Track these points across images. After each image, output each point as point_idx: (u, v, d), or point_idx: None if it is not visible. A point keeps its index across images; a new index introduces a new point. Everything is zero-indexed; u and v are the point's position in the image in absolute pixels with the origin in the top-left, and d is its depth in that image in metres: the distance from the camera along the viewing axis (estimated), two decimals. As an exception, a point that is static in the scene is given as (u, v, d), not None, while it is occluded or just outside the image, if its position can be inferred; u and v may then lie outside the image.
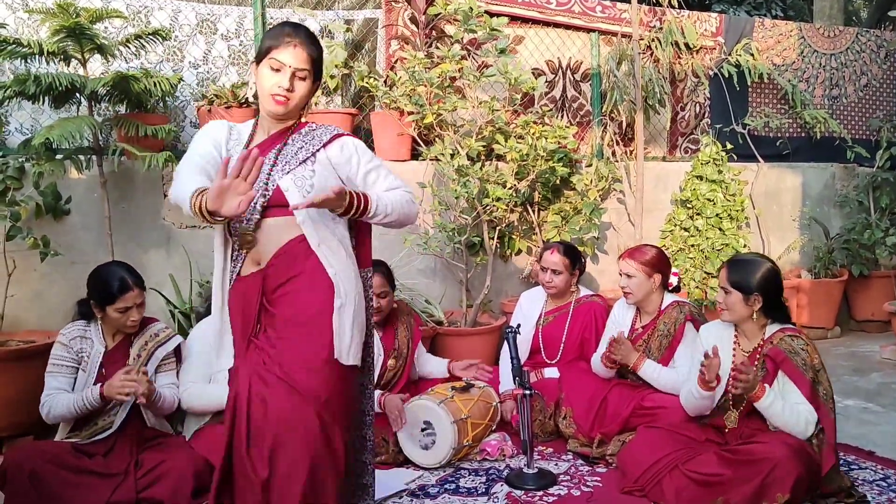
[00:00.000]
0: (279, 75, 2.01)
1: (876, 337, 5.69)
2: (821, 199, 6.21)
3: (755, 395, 2.66)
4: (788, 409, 2.66)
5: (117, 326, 2.94)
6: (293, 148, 2.09)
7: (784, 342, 2.75)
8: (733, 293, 2.80)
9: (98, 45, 3.69)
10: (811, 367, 2.70)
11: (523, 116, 4.56)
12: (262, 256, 2.05)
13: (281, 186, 2.01)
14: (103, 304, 2.88)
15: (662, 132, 5.85)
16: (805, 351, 2.72)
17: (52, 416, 2.85)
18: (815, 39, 6.37)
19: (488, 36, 4.45)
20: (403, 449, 3.19)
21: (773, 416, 2.67)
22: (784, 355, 2.72)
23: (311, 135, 2.12)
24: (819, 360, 2.74)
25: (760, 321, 2.83)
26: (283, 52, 1.99)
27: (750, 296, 2.78)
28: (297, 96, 2.04)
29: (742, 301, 2.79)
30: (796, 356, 2.71)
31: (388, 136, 4.62)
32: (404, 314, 3.65)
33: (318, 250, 2.02)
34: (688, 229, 5.20)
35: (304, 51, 2.01)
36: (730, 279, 2.81)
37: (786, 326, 2.83)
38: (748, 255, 3.00)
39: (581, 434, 3.32)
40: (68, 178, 3.82)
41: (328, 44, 4.59)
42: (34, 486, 2.61)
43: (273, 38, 2.02)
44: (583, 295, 3.84)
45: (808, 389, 2.66)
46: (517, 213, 4.87)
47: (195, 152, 2.06)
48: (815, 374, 2.70)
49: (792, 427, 2.65)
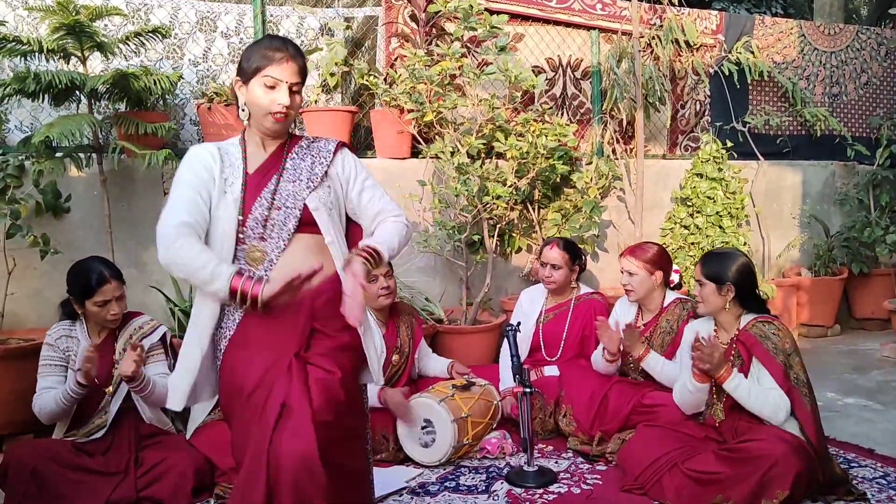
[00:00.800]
0: (275, 93, 1.96)
1: (876, 335, 5.69)
2: (821, 197, 6.21)
3: (721, 376, 2.71)
4: (755, 392, 2.69)
5: (99, 321, 2.94)
6: (305, 163, 2.05)
7: (756, 328, 2.81)
8: (707, 284, 2.87)
9: (98, 43, 3.69)
10: (782, 350, 2.74)
11: (523, 114, 4.56)
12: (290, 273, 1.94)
13: (309, 206, 1.99)
14: (82, 299, 2.89)
15: (663, 130, 5.84)
16: (777, 336, 2.77)
17: (43, 414, 2.86)
18: (815, 37, 6.37)
19: (488, 33, 4.45)
20: (404, 447, 3.19)
21: (740, 399, 2.71)
22: (754, 339, 2.77)
23: (315, 148, 2.09)
24: (791, 344, 2.78)
25: (735, 311, 2.89)
26: (276, 68, 1.95)
27: (722, 286, 2.85)
28: (294, 109, 2.02)
29: (715, 292, 2.86)
30: (767, 340, 2.75)
31: (388, 133, 4.62)
32: (406, 313, 3.65)
33: (343, 275, 1.96)
34: (688, 227, 5.20)
35: (295, 64, 1.98)
36: (703, 271, 2.90)
37: (760, 315, 2.87)
38: (722, 249, 3.10)
39: (581, 432, 3.32)
40: (68, 176, 3.82)
41: (328, 41, 4.59)
42: (35, 484, 2.62)
43: (262, 56, 1.97)
44: (583, 292, 3.84)
45: (779, 373, 2.70)
46: (517, 211, 4.88)
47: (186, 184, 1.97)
48: (786, 357, 2.74)
49: (760, 410, 2.69)
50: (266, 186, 2.00)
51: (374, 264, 1.99)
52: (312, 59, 4.60)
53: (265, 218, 1.97)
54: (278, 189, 2.00)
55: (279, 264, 1.96)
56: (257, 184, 2.00)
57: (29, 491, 2.61)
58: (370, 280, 3.38)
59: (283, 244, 1.97)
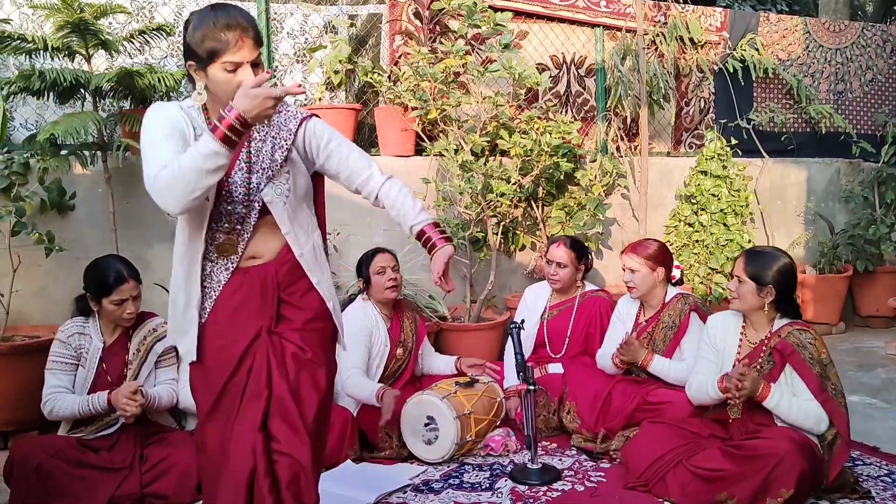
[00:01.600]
0: (240, 74, 1.84)
1: (881, 332, 5.68)
2: (826, 194, 6.20)
3: (761, 395, 2.67)
4: (797, 406, 2.66)
5: (114, 320, 2.94)
6: (266, 146, 1.98)
7: (792, 336, 2.76)
8: (747, 283, 2.82)
9: (102, 41, 3.70)
10: (818, 361, 2.70)
11: (527, 112, 4.56)
12: (260, 251, 2.01)
13: (265, 200, 1.96)
14: (99, 297, 2.89)
15: (667, 127, 5.83)
16: (813, 345, 2.72)
17: (54, 415, 2.86)
18: (820, 34, 6.35)
19: (492, 31, 4.44)
20: (407, 444, 3.19)
21: (782, 415, 2.68)
22: (792, 348, 2.72)
23: (277, 127, 2.00)
24: (827, 354, 2.75)
25: (770, 314, 2.84)
26: (234, 53, 1.82)
27: (763, 287, 2.80)
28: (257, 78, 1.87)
29: (754, 292, 2.81)
30: (804, 350, 2.71)
31: (392, 131, 4.62)
32: (409, 309, 3.67)
33: (302, 260, 2.02)
34: (692, 225, 5.19)
35: (250, 39, 1.84)
36: (746, 269, 2.83)
37: (794, 321, 2.83)
38: (767, 248, 3.02)
39: (585, 429, 3.32)
40: (73, 173, 3.83)
41: (332, 39, 4.58)
42: (40, 481, 2.63)
43: (215, 40, 1.81)
44: (588, 290, 3.84)
45: (815, 384, 2.66)
46: (521, 208, 4.87)
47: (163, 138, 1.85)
48: (822, 368, 2.70)
49: (802, 423, 2.65)
50: (230, 177, 1.93)
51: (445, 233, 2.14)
52: (316, 57, 4.61)
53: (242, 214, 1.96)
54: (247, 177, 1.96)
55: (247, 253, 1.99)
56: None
57: (34, 487, 2.62)
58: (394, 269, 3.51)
59: (248, 235, 1.98)
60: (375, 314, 3.47)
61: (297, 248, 2.02)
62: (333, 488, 2.74)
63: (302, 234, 2.04)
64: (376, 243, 4.50)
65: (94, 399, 2.80)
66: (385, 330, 3.47)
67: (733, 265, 2.96)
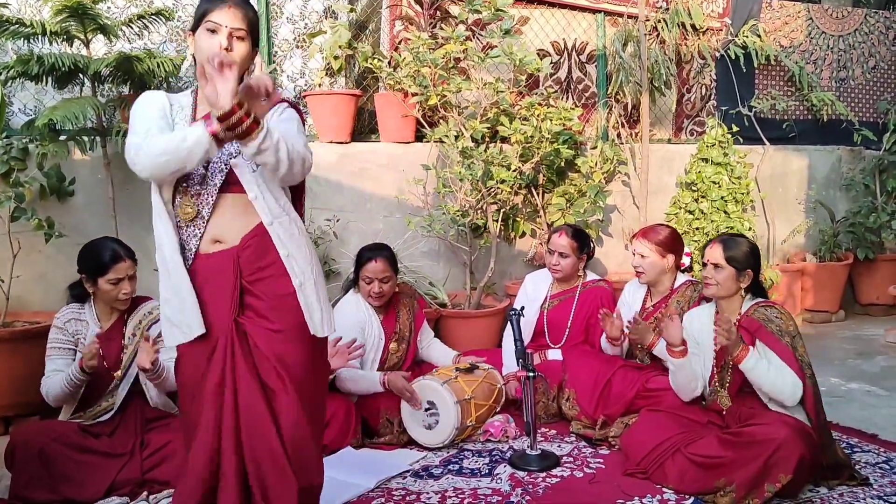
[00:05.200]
0: (217, 36, 1.94)
1: (881, 320, 5.69)
2: (827, 182, 6.19)
3: (739, 356, 2.69)
4: (774, 370, 2.69)
5: (109, 301, 2.93)
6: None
7: (758, 312, 2.82)
8: (727, 269, 2.86)
9: (101, 26, 3.68)
10: (787, 332, 2.75)
11: (528, 98, 4.54)
12: (224, 235, 2.00)
13: (232, 164, 1.97)
14: (95, 277, 2.88)
15: (668, 114, 5.81)
16: (780, 319, 2.78)
17: (50, 397, 2.87)
18: (822, 21, 6.32)
19: (493, 16, 4.42)
20: (407, 429, 3.20)
21: (758, 379, 2.69)
22: (758, 324, 2.77)
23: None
24: (794, 327, 2.79)
25: (740, 297, 2.90)
26: (217, 13, 1.94)
27: (742, 272, 2.85)
28: (237, 57, 1.95)
29: (733, 277, 2.86)
30: (770, 324, 2.76)
31: (392, 117, 4.61)
32: (407, 297, 3.65)
33: (271, 228, 1.99)
34: (693, 212, 5.18)
35: (239, 10, 1.96)
36: (726, 255, 2.87)
37: (760, 300, 2.88)
38: (735, 234, 3.07)
39: (584, 416, 3.33)
40: (72, 159, 3.82)
41: (332, 24, 4.55)
42: (42, 465, 2.64)
43: (205, 3, 1.97)
44: (589, 279, 3.83)
45: (788, 354, 2.70)
46: (521, 195, 4.86)
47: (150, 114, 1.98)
48: (791, 339, 2.74)
49: (780, 389, 2.67)
50: None
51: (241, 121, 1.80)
52: (316, 42, 4.58)
53: (202, 175, 1.98)
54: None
55: (210, 224, 1.99)
56: None
57: (36, 472, 2.63)
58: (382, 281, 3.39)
59: (212, 201, 1.98)
60: (368, 308, 3.46)
61: (268, 216, 1.98)
62: (333, 474, 2.73)
63: (273, 203, 2.00)
64: (376, 230, 4.51)
65: (71, 368, 2.79)
66: (378, 323, 3.46)
67: (702, 254, 3.00)
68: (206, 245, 2.01)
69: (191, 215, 1.99)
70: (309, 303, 2.02)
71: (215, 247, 2.01)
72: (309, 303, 2.02)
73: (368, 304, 3.46)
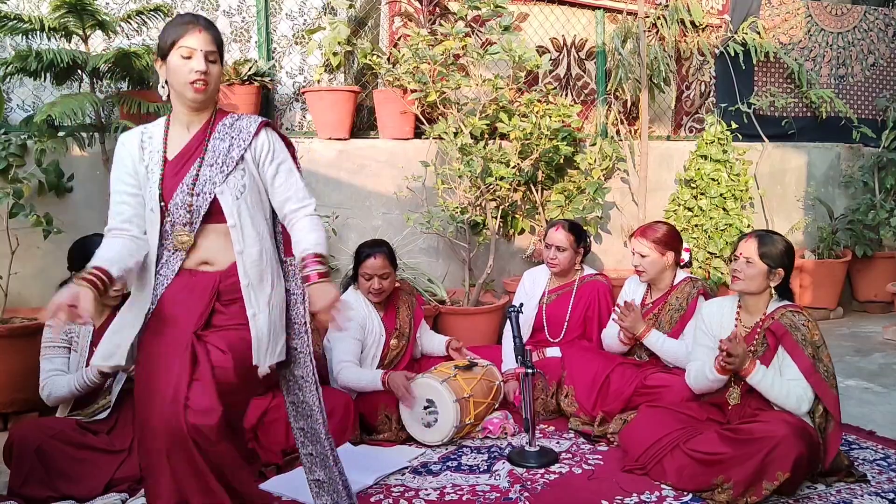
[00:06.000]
0: (192, 61, 2.00)
1: (878, 317, 5.70)
2: (825, 179, 6.19)
3: (745, 370, 2.70)
4: (779, 384, 2.68)
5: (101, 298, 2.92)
6: (223, 144, 2.08)
7: (786, 317, 2.77)
8: (758, 264, 2.81)
9: (99, 21, 3.67)
10: (811, 342, 2.71)
11: (527, 95, 4.54)
12: (212, 258, 2.08)
13: (215, 191, 2.03)
14: None
15: (667, 111, 5.81)
16: (806, 327, 2.74)
17: (52, 398, 2.86)
18: (822, 18, 6.31)
19: (492, 13, 4.41)
20: (406, 426, 3.21)
21: (763, 391, 2.71)
22: (784, 329, 2.73)
23: (236, 128, 2.10)
24: (820, 336, 2.75)
25: (767, 296, 2.85)
26: (190, 38, 2.00)
27: (774, 269, 2.81)
28: (213, 79, 2.04)
29: (764, 274, 2.81)
30: (797, 331, 2.72)
31: (391, 114, 4.60)
32: (406, 294, 3.66)
33: (240, 257, 2.05)
34: (691, 209, 5.18)
35: (209, 34, 2.03)
36: (760, 251, 2.82)
37: (788, 304, 2.84)
38: (771, 231, 2.99)
39: (583, 413, 3.33)
40: (71, 155, 3.82)
41: (331, 20, 4.55)
42: (39, 462, 2.64)
43: (175, 30, 2.02)
44: (587, 274, 3.84)
45: (806, 365, 2.68)
46: (520, 192, 4.86)
47: (117, 181, 2.11)
48: (814, 349, 2.71)
49: (783, 403, 2.67)
50: (188, 171, 2.04)
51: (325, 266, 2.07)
52: (315, 39, 4.57)
53: (189, 204, 2.03)
54: (199, 174, 2.04)
55: (202, 249, 2.06)
56: (178, 170, 2.05)
57: (34, 469, 2.63)
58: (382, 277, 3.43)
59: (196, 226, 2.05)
60: (368, 304, 3.46)
61: (239, 244, 2.04)
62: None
63: (250, 232, 2.07)
64: (375, 226, 4.51)
65: (87, 372, 2.80)
66: (378, 320, 3.47)
67: (735, 247, 2.94)
68: (193, 263, 2.08)
69: (187, 243, 2.06)
70: (259, 335, 2.06)
71: (202, 267, 2.08)
72: (259, 335, 2.06)
73: (368, 300, 3.46)
